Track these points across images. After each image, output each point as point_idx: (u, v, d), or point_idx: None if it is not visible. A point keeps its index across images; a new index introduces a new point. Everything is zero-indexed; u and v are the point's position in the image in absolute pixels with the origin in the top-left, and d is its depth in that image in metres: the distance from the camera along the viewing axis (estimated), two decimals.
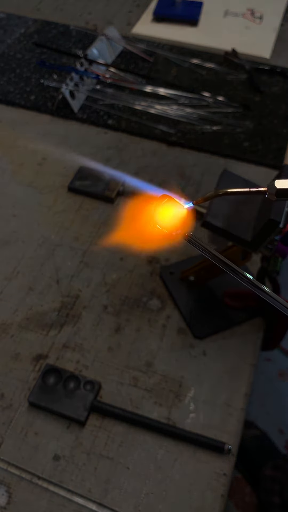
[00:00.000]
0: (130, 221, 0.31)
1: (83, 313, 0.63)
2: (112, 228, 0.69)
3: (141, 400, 0.56)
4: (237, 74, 0.95)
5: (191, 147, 0.83)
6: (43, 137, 0.86)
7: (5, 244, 0.70)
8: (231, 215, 0.52)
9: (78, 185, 0.76)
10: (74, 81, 0.88)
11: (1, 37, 1.05)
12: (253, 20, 1.07)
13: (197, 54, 0.99)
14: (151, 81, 0.92)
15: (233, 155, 0.81)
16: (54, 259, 0.68)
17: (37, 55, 1.00)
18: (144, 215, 0.30)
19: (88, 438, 0.53)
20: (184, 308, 0.62)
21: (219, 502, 0.50)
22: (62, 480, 0.51)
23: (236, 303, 0.63)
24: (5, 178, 0.79)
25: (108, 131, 0.86)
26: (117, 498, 0.50)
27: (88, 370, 0.58)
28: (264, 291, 0.29)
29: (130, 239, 0.31)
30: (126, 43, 1.00)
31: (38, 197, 0.76)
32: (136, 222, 0.30)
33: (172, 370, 0.58)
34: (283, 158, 0.80)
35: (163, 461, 0.52)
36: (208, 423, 0.54)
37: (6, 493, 0.50)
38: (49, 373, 0.57)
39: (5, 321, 0.63)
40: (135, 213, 0.30)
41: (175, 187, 0.76)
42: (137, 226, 0.30)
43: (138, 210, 0.31)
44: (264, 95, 0.91)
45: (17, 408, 0.55)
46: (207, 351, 0.60)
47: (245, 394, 0.57)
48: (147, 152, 0.82)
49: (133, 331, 0.61)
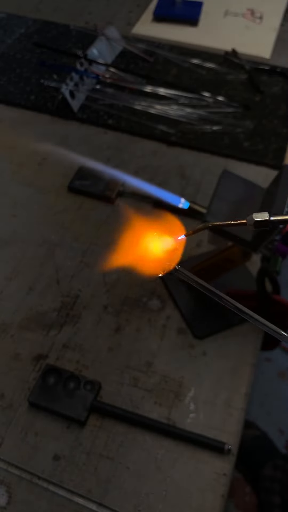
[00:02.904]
0: (129, 244, 0.31)
1: (83, 313, 0.63)
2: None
3: (141, 400, 0.56)
4: (237, 74, 0.95)
5: (191, 147, 0.83)
6: (43, 137, 0.85)
7: (5, 244, 0.70)
8: (231, 215, 0.52)
9: (78, 185, 0.76)
10: (74, 81, 0.88)
11: (1, 37, 1.05)
12: (253, 20, 1.07)
13: (197, 54, 0.99)
14: (151, 81, 0.92)
15: (233, 155, 0.81)
16: (54, 259, 0.68)
17: (37, 55, 1.00)
18: (142, 241, 0.31)
19: (88, 438, 0.53)
20: (184, 308, 0.62)
21: (219, 502, 0.50)
22: (62, 480, 0.51)
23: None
24: (5, 178, 0.79)
25: (108, 131, 0.86)
26: (117, 498, 0.50)
27: (88, 370, 0.58)
28: (252, 316, 0.30)
29: (130, 262, 0.31)
30: (126, 43, 0.99)
31: (38, 197, 0.76)
32: (135, 247, 0.31)
33: (172, 370, 0.58)
34: (283, 158, 0.80)
35: (163, 461, 0.52)
36: (208, 423, 0.54)
37: (6, 493, 0.50)
38: (49, 373, 0.57)
39: (5, 321, 0.63)
40: (134, 235, 0.31)
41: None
42: (136, 251, 0.31)
43: (137, 233, 0.31)
44: (264, 95, 0.91)
45: (17, 408, 0.55)
46: (207, 351, 0.60)
47: (245, 394, 0.57)
48: (147, 152, 0.82)
49: (133, 331, 0.61)
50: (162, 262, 0.31)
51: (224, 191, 0.55)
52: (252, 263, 0.65)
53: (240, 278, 0.65)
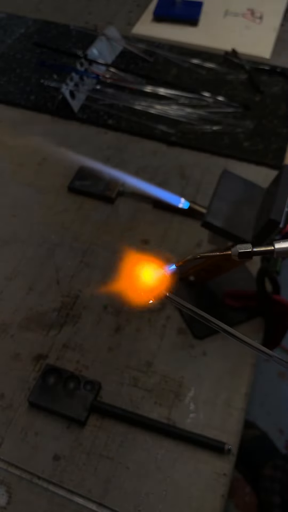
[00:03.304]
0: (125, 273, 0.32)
1: (83, 313, 0.63)
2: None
3: (141, 400, 0.56)
4: (237, 74, 0.95)
5: (191, 147, 0.83)
6: (43, 137, 0.85)
7: (5, 244, 0.70)
8: (231, 215, 0.52)
9: (78, 185, 0.76)
10: (74, 81, 0.88)
11: (1, 37, 1.05)
12: (253, 20, 1.06)
13: (197, 54, 0.99)
14: (151, 81, 0.92)
15: (233, 155, 0.81)
16: (54, 259, 0.68)
17: (37, 55, 1.00)
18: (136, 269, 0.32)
19: (88, 438, 0.53)
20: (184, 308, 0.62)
21: (219, 502, 0.50)
22: (62, 480, 0.51)
23: (236, 303, 0.62)
24: (5, 178, 0.79)
25: (108, 131, 0.86)
26: (117, 498, 0.50)
27: (88, 370, 0.58)
28: (237, 336, 0.30)
29: (126, 288, 0.32)
30: (126, 43, 0.99)
31: (38, 197, 0.76)
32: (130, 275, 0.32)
33: (172, 370, 0.58)
34: (283, 158, 0.80)
35: (163, 461, 0.52)
36: (208, 423, 0.54)
37: (6, 493, 0.50)
38: (49, 373, 0.57)
39: (5, 321, 0.63)
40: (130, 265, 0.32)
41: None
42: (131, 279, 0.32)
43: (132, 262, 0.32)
44: (264, 95, 0.91)
45: (17, 408, 0.55)
46: (207, 351, 0.60)
47: (245, 394, 0.57)
48: (147, 152, 0.82)
49: (133, 331, 0.61)
50: (154, 289, 0.32)
51: (224, 191, 0.55)
52: (252, 263, 0.65)
53: (240, 278, 0.65)
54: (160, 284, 0.32)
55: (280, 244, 0.30)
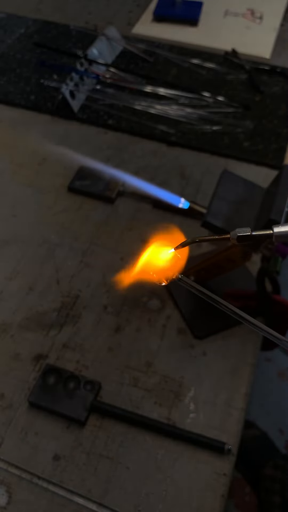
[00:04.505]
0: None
1: (83, 313, 0.63)
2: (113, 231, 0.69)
3: (141, 400, 0.56)
4: (237, 74, 0.95)
5: (191, 147, 0.83)
6: (43, 137, 0.85)
7: (5, 244, 0.70)
8: (231, 215, 0.52)
9: (78, 185, 0.76)
10: (74, 81, 0.88)
11: (1, 37, 1.05)
12: (253, 20, 1.06)
13: (197, 54, 0.99)
14: (151, 81, 0.92)
15: (233, 155, 0.81)
16: (54, 259, 0.68)
17: (37, 55, 1.00)
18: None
19: (88, 438, 0.53)
20: (184, 308, 0.62)
21: (219, 502, 0.50)
22: (62, 480, 0.51)
23: (236, 303, 0.62)
24: (5, 178, 0.79)
25: (108, 131, 0.86)
26: (117, 498, 0.50)
27: (88, 370, 0.58)
28: (252, 322, 0.30)
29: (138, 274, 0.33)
30: (126, 43, 0.99)
31: (38, 197, 0.76)
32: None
33: (172, 370, 0.58)
34: (283, 158, 0.80)
35: (163, 461, 0.52)
36: (208, 423, 0.54)
37: (6, 493, 0.50)
38: (49, 373, 0.57)
39: (5, 321, 0.63)
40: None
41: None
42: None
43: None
44: (264, 95, 0.91)
45: (17, 408, 0.55)
46: (207, 351, 0.60)
47: (245, 394, 0.57)
48: (147, 152, 0.82)
49: (133, 331, 0.61)
50: (165, 271, 0.32)
51: (224, 191, 0.55)
52: (252, 263, 0.65)
53: (240, 278, 0.65)
54: (172, 266, 0.32)
55: (279, 228, 0.30)
